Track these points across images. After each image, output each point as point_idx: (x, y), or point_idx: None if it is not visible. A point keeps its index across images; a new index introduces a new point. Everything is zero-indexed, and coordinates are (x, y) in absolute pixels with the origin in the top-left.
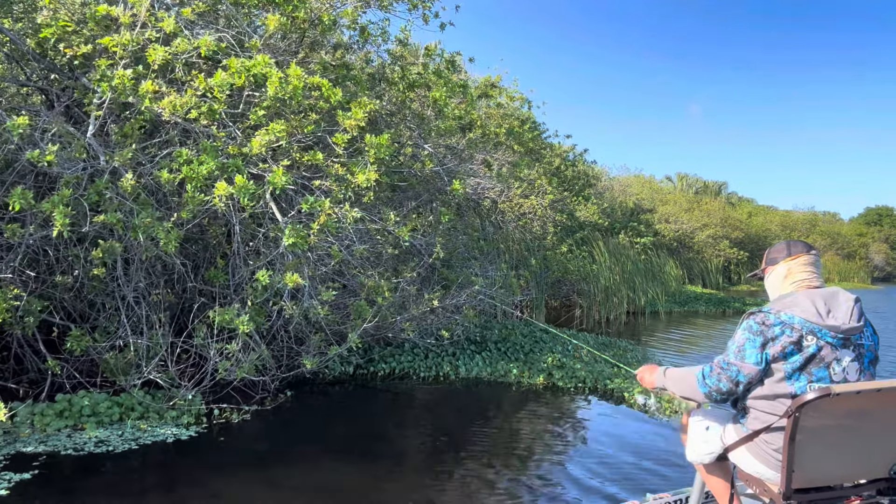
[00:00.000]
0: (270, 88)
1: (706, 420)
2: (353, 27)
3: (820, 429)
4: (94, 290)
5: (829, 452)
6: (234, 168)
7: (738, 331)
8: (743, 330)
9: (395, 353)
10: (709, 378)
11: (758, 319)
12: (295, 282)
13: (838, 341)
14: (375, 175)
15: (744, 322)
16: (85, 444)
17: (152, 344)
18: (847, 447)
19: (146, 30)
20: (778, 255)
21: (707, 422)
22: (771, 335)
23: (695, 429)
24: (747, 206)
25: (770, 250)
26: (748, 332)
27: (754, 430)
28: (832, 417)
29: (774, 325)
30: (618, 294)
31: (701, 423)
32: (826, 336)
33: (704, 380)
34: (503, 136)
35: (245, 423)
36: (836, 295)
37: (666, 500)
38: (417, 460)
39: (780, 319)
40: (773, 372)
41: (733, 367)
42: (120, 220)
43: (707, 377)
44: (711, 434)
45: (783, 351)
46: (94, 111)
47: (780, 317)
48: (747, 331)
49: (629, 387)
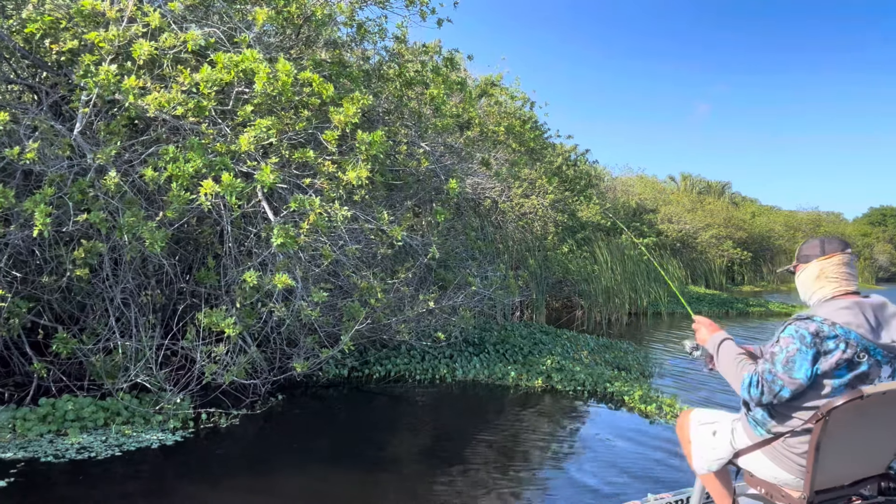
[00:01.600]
0: (258, 84)
1: (710, 424)
2: (350, 24)
3: (842, 431)
4: (82, 291)
5: (844, 453)
6: (222, 166)
7: (785, 336)
8: (793, 338)
9: (391, 355)
10: (753, 389)
11: (811, 329)
12: (284, 283)
13: (886, 359)
14: (367, 173)
15: (792, 328)
16: (67, 450)
17: (141, 346)
18: (855, 447)
19: (133, 25)
20: (811, 252)
21: (712, 426)
22: (824, 349)
23: (700, 435)
24: (751, 206)
25: (803, 246)
26: (800, 342)
27: (776, 434)
28: (853, 419)
29: (829, 337)
30: (619, 295)
31: (706, 428)
32: (878, 354)
33: (749, 389)
34: (502, 135)
35: (234, 428)
36: (885, 307)
37: (666, 500)
38: (411, 466)
39: (835, 333)
40: (819, 386)
41: (778, 382)
42: (103, 220)
43: (752, 387)
44: (720, 439)
45: (835, 367)
46: (82, 108)
47: (835, 329)
48: (799, 341)
49: (629, 390)
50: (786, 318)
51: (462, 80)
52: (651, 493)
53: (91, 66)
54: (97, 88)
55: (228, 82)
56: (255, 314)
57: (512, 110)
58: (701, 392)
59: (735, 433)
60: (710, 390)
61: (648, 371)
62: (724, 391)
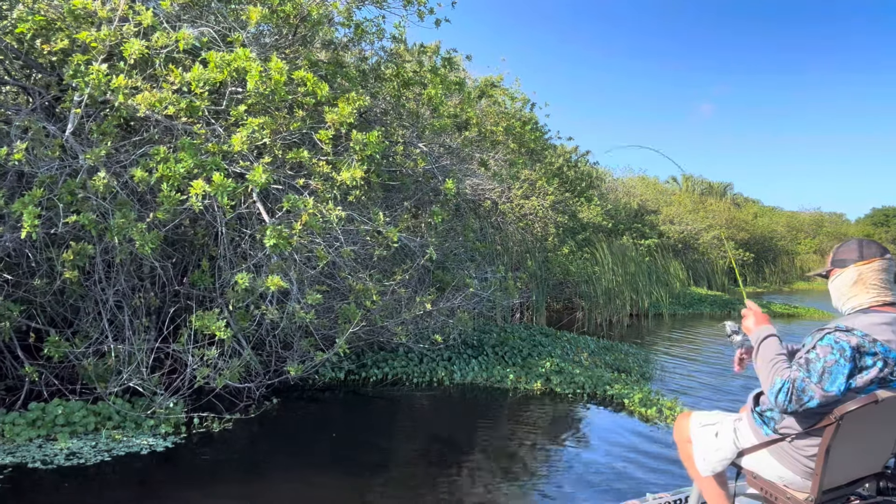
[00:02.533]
0: (250, 82)
1: (712, 426)
2: (348, 24)
3: (850, 433)
4: (75, 294)
5: (848, 454)
6: (214, 166)
7: (823, 346)
8: (832, 349)
9: (389, 357)
10: (782, 396)
11: (853, 343)
12: (277, 285)
13: None
14: (361, 173)
15: (831, 338)
16: (55, 455)
17: (133, 349)
18: (858, 447)
19: (125, 24)
20: (848, 256)
21: (713, 427)
22: (862, 364)
23: (702, 437)
24: (753, 206)
25: (838, 249)
26: (839, 355)
27: (783, 434)
28: (862, 421)
29: (868, 354)
30: (620, 296)
31: (707, 430)
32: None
33: (777, 395)
34: (500, 135)
35: (227, 433)
36: None
37: (666, 499)
38: (408, 471)
39: (875, 350)
40: (846, 399)
41: (809, 392)
42: (93, 221)
43: (781, 394)
44: (723, 440)
45: (868, 383)
46: (74, 109)
47: (875, 346)
48: (838, 353)
49: (629, 393)
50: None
51: (461, 80)
52: (650, 493)
53: (81, 66)
54: (88, 88)
55: (222, 82)
56: (249, 317)
57: (512, 112)
58: (702, 394)
59: (738, 433)
60: (713, 392)
61: (649, 373)
62: (726, 393)
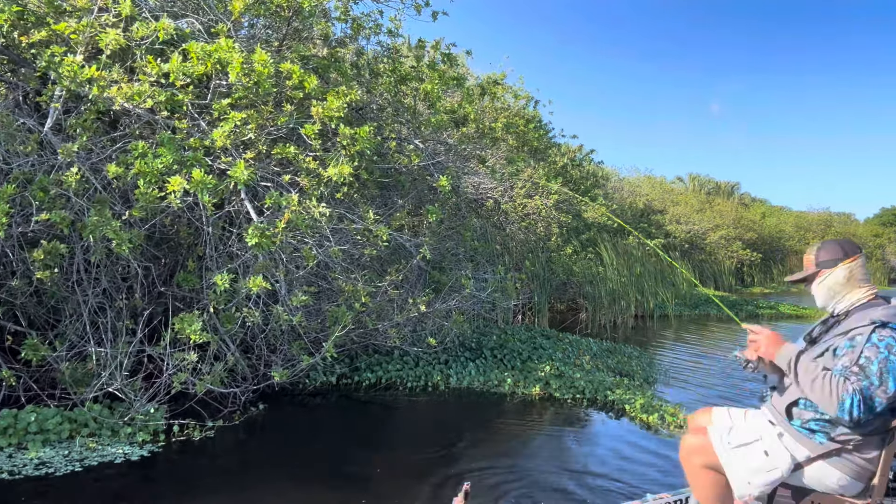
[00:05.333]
0: (232, 74)
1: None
2: (344, 20)
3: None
4: (54, 295)
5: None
6: (194, 162)
7: (870, 347)
8: (878, 348)
9: (383, 361)
10: (856, 410)
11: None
12: (259, 286)
13: None
14: (349, 169)
15: (875, 337)
16: (25, 465)
17: (113, 353)
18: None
19: (104, 14)
20: (834, 256)
21: (756, 446)
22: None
23: (743, 458)
24: (760, 206)
25: (820, 252)
26: (889, 352)
27: (844, 441)
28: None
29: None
30: (625, 297)
31: (750, 449)
32: None
33: (850, 411)
34: (500, 132)
35: (208, 441)
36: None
37: (666, 500)
38: (398, 482)
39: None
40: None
41: (876, 399)
42: (65, 219)
43: (854, 408)
44: (777, 458)
45: None
46: (53, 103)
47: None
48: (887, 350)
49: (630, 398)
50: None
51: (460, 76)
52: (650, 494)
53: (58, 57)
54: (66, 81)
55: (207, 75)
56: (234, 319)
57: (515, 109)
58: (709, 400)
59: (790, 446)
60: (717, 396)
61: (652, 377)
62: (725, 395)
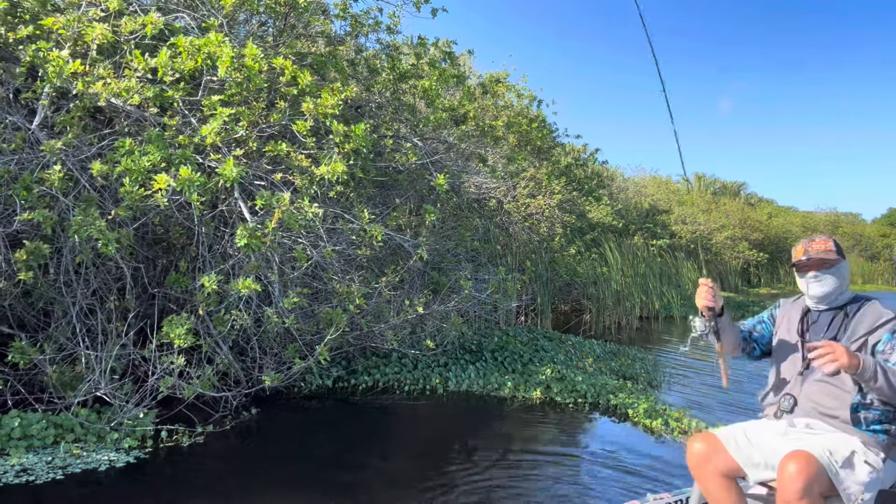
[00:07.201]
0: (221, 69)
1: (849, 459)
2: (343, 17)
3: None
4: (43, 296)
5: None
6: (183, 159)
7: None
8: None
9: (381, 363)
10: None
11: None
12: (248, 287)
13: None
14: (342, 167)
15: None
16: (5, 472)
17: (101, 356)
18: None
19: (91, 9)
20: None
21: (855, 459)
22: None
23: (856, 476)
24: (767, 206)
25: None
26: None
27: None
28: None
29: None
30: (630, 298)
31: (860, 471)
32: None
33: None
34: (500, 130)
35: (197, 447)
36: None
37: (666, 500)
38: (393, 490)
39: None
40: None
41: None
42: (48, 218)
43: None
44: (876, 466)
45: None
46: (41, 100)
47: None
48: None
49: (633, 402)
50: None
51: (461, 73)
52: (650, 493)
53: (43, 52)
54: (52, 76)
55: (197, 70)
56: (225, 321)
57: (519, 109)
58: (714, 404)
59: (879, 454)
60: (720, 401)
61: (657, 381)
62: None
